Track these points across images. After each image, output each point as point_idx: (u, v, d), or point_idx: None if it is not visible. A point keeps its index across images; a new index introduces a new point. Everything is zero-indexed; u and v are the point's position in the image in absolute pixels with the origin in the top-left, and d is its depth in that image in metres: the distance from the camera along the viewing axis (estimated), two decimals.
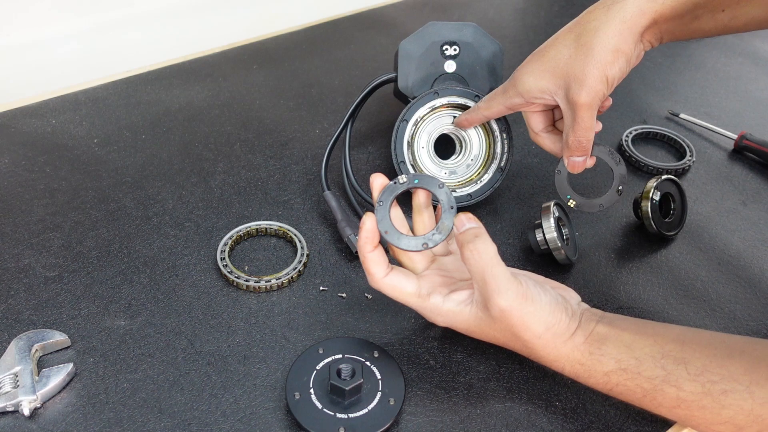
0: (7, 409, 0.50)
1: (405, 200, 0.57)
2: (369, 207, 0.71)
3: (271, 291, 0.61)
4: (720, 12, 0.56)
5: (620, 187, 0.64)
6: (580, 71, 0.56)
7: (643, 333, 0.49)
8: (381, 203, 0.52)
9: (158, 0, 1.00)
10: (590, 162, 0.62)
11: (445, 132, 0.71)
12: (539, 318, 0.49)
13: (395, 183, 0.53)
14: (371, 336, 0.58)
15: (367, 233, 0.51)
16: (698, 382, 0.45)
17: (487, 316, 0.50)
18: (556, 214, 0.65)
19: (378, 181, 0.53)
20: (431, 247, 0.51)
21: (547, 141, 0.64)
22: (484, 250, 0.49)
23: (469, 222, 0.51)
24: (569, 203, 0.65)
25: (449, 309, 0.51)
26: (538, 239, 0.64)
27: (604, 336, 0.49)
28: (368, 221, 0.51)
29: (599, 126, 0.63)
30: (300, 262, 0.63)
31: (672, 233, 0.69)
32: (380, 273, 0.51)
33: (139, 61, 0.92)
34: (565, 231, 0.66)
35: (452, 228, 0.51)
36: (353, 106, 0.72)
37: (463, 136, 0.71)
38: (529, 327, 0.49)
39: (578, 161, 0.61)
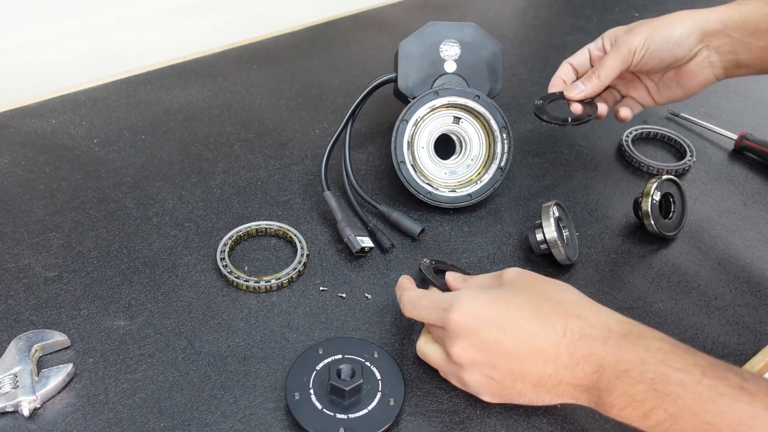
0: (7, 410, 0.50)
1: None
2: (369, 207, 0.71)
3: (271, 291, 0.61)
4: None
5: (590, 115, 0.68)
6: (635, 28, 0.65)
7: None
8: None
9: (158, 0, 1.00)
10: (575, 108, 0.68)
11: (445, 132, 0.71)
12: (555, 281, 0.51)
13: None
14: (371, 336, 0.58)
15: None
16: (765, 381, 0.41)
17: (506, 282, 0.50)
18: (556, 214, 0.65)
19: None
20: None
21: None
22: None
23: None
24: (536, 101, 0.69)
25: (475, 292, 0.49)
26: (538, 239, 0.64)
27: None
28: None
29: (627, 113, 0.71)
30: (300, 262, 0.63)
31: (672, 233, 0.69)
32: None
33: (139, 61, 0.92)
34: (565, 231, 0.66)
35: None
36: (353, 106, 0.72)
37: (463, 136, 0.71)
38: (550, 280, 0.50)
39: (578, 87, 0.67)
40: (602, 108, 0.69)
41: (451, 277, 0.56)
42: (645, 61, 0.64)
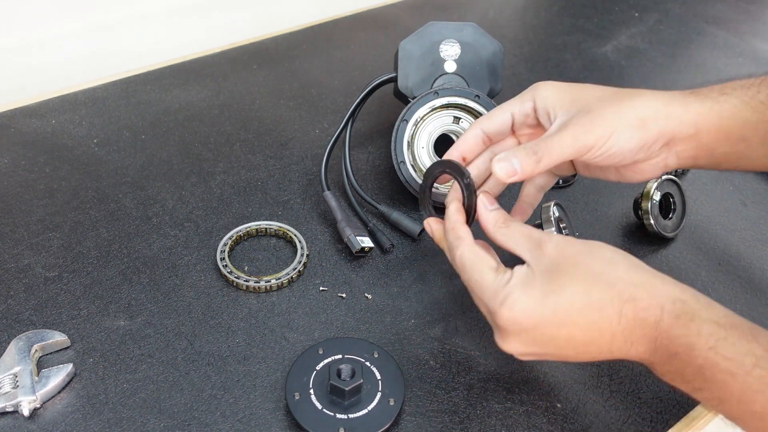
0: (7, 410, 0.50)
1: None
2: (369, 207, 0.71)
3: (271, 291, 0.61)
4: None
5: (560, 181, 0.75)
6: (595, 110, 0.50)
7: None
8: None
9: (158, 0, 1.00)
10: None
11: (445, 132, 0.71)
12: (601, 245, 0.46)
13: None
14: (371, 336, 0.58)
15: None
16: None
17: (547, 265, 0.45)
18: (556, 214, 0.65)
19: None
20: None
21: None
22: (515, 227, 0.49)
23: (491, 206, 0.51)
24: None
25: (516, 282, 0.46)
26: None
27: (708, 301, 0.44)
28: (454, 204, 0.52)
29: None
30: (300, 262, 0.63)
31: (672, 233, 0.69)
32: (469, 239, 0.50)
33: (139, 61, 0.92)
34: (565, 231, 0.66)
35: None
36: (353, 106, 0.72)
37: None
38: (595, 247, 0.46)
39: (513, 167, 0.50)
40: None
41: (485, 216, 0.51)
42: (597, 160, 0.50)
